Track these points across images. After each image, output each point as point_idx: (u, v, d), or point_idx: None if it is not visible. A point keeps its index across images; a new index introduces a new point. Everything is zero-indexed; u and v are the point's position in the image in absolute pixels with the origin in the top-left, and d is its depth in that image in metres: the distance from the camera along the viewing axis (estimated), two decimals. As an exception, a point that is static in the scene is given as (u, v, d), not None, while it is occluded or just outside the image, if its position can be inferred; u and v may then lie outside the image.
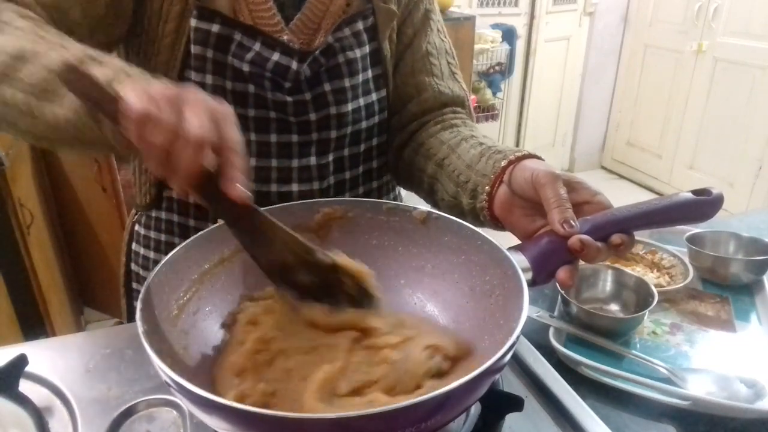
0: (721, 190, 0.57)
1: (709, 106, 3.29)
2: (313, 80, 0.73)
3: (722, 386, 0.64)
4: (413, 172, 0.81)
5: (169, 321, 0.52)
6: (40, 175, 1.89)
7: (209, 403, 0.38)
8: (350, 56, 0.75)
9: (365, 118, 0.79)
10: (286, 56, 0.70)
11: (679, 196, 0.57)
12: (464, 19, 2.74)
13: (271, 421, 0.37)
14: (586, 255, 0.53)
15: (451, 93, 0.83)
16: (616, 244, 0.54)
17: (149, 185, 0.80)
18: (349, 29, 0.74)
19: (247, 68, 0.69)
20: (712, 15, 3.17)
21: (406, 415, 0.38)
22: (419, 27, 0.83)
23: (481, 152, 0.69)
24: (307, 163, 0.76)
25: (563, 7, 3.57)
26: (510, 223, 0.63)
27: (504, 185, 0.63)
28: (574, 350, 0.69)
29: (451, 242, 0.61)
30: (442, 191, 0.75)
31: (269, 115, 0.73)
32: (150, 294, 0.50)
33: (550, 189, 0.55)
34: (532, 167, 0.59)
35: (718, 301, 0.83)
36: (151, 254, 0.85)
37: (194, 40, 0.69)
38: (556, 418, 0.57)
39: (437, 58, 0.84)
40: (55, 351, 0.66)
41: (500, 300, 0.54)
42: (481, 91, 3.28)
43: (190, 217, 0.80)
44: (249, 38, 0.69)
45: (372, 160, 0.84)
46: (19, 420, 0.52)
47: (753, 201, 3.10)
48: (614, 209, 0.56)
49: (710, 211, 0.57)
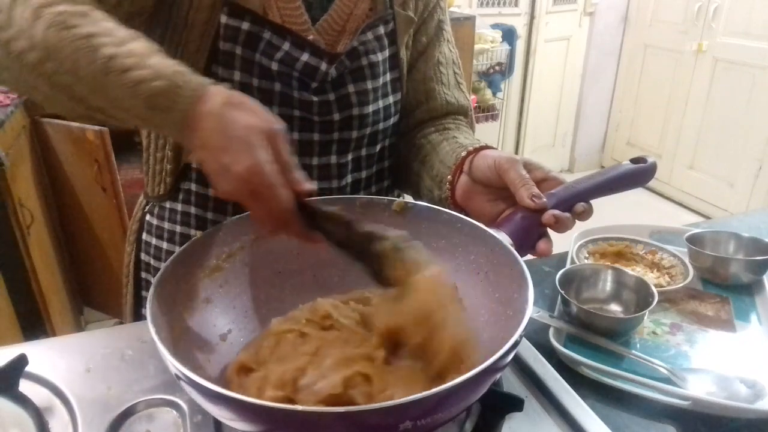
0: (654, 159, 0.67)
1: (709, 106, 3.29)
2: (338, 81, 0.75)
3: (722, 386, 0.64)
4: (401, 170, 0.86)
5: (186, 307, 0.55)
6: (40, 175, 1.89)
7: (218, 395, 0.39)
8: (373, 59, 0.77)
9: (383, 120, 0.81)
10: (316, 57, 0.72)
11: (622, 166, 0.66)
12: (464, 19, 2.74)
13: (280, 413, 0.39)
14: (560, 227, 0.60)
15: (457, 103, 0.87)
16: (579, 212, 0.62)
17: (165, 175, 0.80)
18: (372, 33, 0.76)
19: (276, 67, 0.71)
20: (712, 15, 3.17)
21: (407, 410, 0.38)
22: (432, 36, 0.85)
23: (452, 148, 0.75)
24: (327, 162, 0.78)
25: (563, 7, 3.57)
26: (473, 210, 0.69)
27: (464, 174, 0.70)
28: (574, 350, 0.69)
29: (430, 229, 0.63)
30: (423, 187, 0.79)
31: (293, 114, 0.74)
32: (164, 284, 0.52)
33: (513, 171, 0.62)
34: (493, 155, 0.66)
35: (718, 301, 0.83)
36: (164, 245, 0.85)
37: (223, 37, 0.70)
38: (556, 418, 0.57)
39: (446, 67, 0.87)
40: (55, 351, 0.66)
41: (490, 275, 0.57)
42: (481, 91, 3.28)
43: (209, 209, 0.80)
44: (278, 37, 0.71)
45: (384, 159, 0.87)
46: (19, 420, 0.52)
47: (753, 201, 3.10)
48: (571, 182, 0.64)
49: (647, 177, 0.66)
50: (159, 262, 0.86)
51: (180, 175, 0.79)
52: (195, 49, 0.71)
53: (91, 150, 1.83)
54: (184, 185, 0.80)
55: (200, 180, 0.79)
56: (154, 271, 0.88)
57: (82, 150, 1.85)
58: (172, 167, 0.79)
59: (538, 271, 0.90)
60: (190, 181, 0.80)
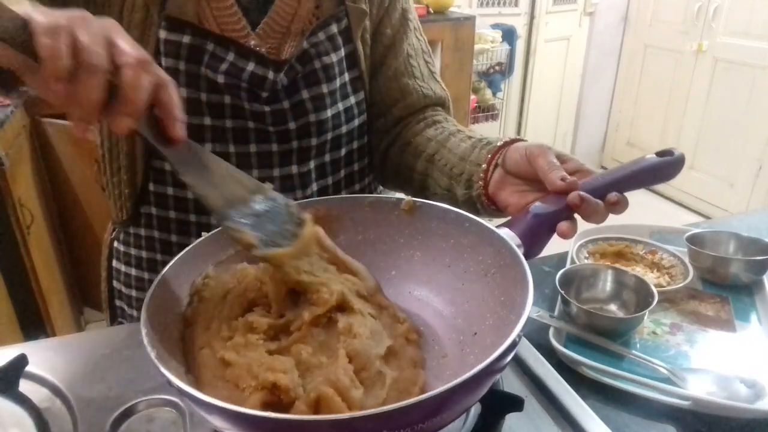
0: (682, 151, 0.63)
1: (709, 106, 3.29)
2: (291, 88, 0.72)
3: (722, 386, 0.64)
4: (401, 170, 0.82)
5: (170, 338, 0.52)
6: (40, 175, 1.89)
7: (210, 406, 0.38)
8: (326, 61, 0.74)
9: (345, 123, 0.78)
10: (262, 66, 0.69)
11: (648, 159, 0.63)
12: (464, 19, 2.74)
13: (271, 423, 0.37)
14: (585, 209, 0.56)
15: (434, 95, 0.84)
16: (612, 201, 0.57)
17: (124, 200, 0.78)
18: (324, 33, 0.73)
19: (222, 79, 0.68)
20: (712, 15, 3.17)
21: (405, 416, 0.38)
22: (398, 28, 0.82)
23: (473, 144, 0.73)
24: (289, 172, 0.75)
25: (563, 7, 3.57)
26: (502, 200, 0.67)
27: (498, 167, 0.68)
28: (574, 350, 0.69)
29: (438, 228, 0.62)
30: (434, 185, 0.76)
31: (247, 126, 0.72)
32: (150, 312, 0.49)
33: (542, 158, 0.60)
34: (525, 144, 0.64)
35: (718, 301, 0.83)
36: (132, 271, 0.84)
37: (165, 53, 0.67)
38: (556, 418, 0.57)
39: (416, 59, 0.84)
40: (55, 351, 0.66)
41: (497, 277, 0.55)
42: (481, 91, 3.27)
43: (172, 232, 0.78)
44: (222, 48, 0.68)
45: (353, 163, 0.84)
46: (19, 420, 0.52)
47: (753, 201, 3.10)
48: (599, 174, 0.61)
49: (675, 170, 0.63)
50: (130, 290, 0.85)
51: (139, 199, 0.77)
52: None
53: (91, 150, 1.82)
54: (144, 209, 0.78)
55: (160, 203, 0.77)
56: (126, 299, 0.87)
57: (82, 150, 1.85)
58: (129, 191, 0.76)
59: (538, 271, 0.90)
60: (150, 205, 0.77)
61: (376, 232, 0.64)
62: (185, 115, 0.49)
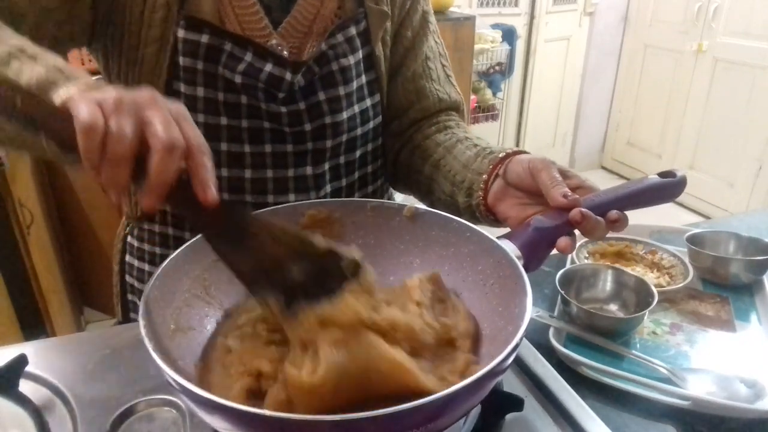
0: (684, 172, 0.64)
1: (709, 106, 3.29)
2: (308, 89, 0.72)
3: (722, 386, 0.64)
4: (410, 173, 0.82)
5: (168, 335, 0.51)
6: (40, 175, 1.89)
7: (213, 404, 0.39)
8: (344, 63, 0.73)
9: (360, 125, 0.78)
10: (279, 67, 0.69)
11: (651, 179, 0.63)
12: (464, 19, 2.73)
13: (273, 422, 0.38)
14: (586, 226, 0.56)
15: (449, 99, 0.84)
16: (613, 219, 0.57)
17: (136, 196, 0.78)
18: (342, 35, 0.73)
19: (239, 79, 0.68)
20: (712, 15, 3.17)
21: (407, 418, 0.38)
22: (418, 30, 0.82)
23: (476, 153, 0.72)
24: (303, 173, 0.75)
25: (563, 7, 3.57)
26: (502, 212, 0.66)
27: (499, 178, 0.67)
28: (574, 350, 0.69)
29: (439, 236, 0.62)
30: (438, 191, 0.76)
31: (263, 126, 0.71)
32: (149, 306, 0.49)
33: (545, 173, 0.60)
34: (528, 158, 0.64)
35: (718, 301, 0.83)
36: (146, 266, 0.83)
37: (183, 52, 0.67)
38: (556, 418, 0.57)
39: (433, 62, 0.84)
40: (55, 351, 0.66)
41: (495, 288, 0.55)
42: (481, 91, 3.27)
43: (186, 229, 0.78)
44: (240, 48, 0.68)
45: (367, 165, 0.84)
46: (19, 420, 0.52)
47: (753, 201, 3.10)
48: (603, 191, 0.61)
49: (677, 191, 0.63)
50: (143, 285, 0.84)
51: None
52: (152, 66, 0.68)
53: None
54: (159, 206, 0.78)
55: None
56: (138, 294, 0.87)
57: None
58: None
59: (538, 272, 0.90)
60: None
61: (377, 237, 0.64)
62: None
